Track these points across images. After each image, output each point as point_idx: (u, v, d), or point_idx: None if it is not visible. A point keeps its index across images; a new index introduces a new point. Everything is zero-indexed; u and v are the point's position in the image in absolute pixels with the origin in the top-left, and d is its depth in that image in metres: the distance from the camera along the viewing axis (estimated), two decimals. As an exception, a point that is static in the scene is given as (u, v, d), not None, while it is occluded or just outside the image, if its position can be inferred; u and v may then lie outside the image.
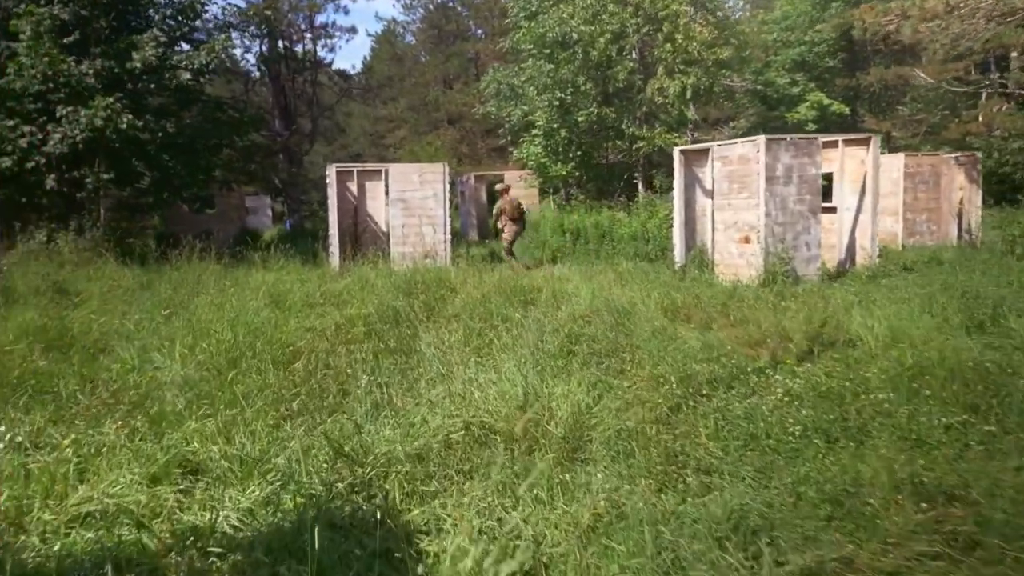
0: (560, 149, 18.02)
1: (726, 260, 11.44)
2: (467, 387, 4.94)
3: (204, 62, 14.96)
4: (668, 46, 17.44)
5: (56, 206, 15.34)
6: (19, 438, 4.21)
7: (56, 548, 3.15)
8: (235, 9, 18.05)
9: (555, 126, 17.71)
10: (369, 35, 64.14)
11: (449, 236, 14.84)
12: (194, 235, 15.25)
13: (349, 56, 79.20)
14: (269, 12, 18.72)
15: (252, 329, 7.19)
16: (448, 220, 14.84)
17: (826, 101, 23.67)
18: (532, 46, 17.81)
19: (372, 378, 5.41)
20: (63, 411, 4.91)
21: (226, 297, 9.57)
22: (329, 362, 6.17)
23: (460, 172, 24.59)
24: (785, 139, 10.98)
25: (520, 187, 21.76)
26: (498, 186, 15.63)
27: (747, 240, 10.94)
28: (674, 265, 12.47)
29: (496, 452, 4.01)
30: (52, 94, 13.78)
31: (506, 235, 14.72)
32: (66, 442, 4.17)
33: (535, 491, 3.58)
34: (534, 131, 18.40)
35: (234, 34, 17.24)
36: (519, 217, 14.75)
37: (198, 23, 16.63)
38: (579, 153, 18.01)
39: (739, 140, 11.51)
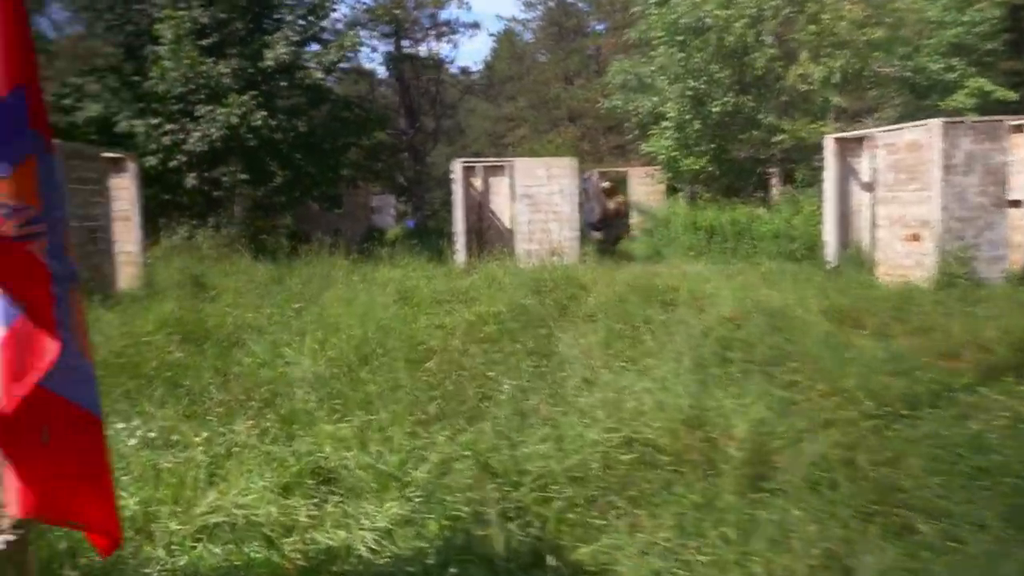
0: (692, 142, 17.07)
1: (890, 259, 10.24)
2: (620, 395, 4.35)
3: (334, 59, 15.14)
4: (812, 28, 16.09)
5: (196, 204, 15.99)
6: (152, 434, 4.01)
7: (183, 562, 2.83)
8: (364, 6, 18.30)
9: (687, 117, 16.77)
10: (490, 35, 64.63)
11: (577, 233, 14.30)
12: (323, 233, 15.53)
13: (470, 56, 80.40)
14: (398, 11, 18.87)
15: (381, 325, 6.91)
16: (577, 217, 14.30)
17: (988, 87, 21.31)
18: (663, 33, 16.95)
19: (512, 382, 4.92)
20: (196, 406, 4.72)
21: (355, 292, 9.44)
22: (462, 362, 5.76)
23: (583, 169, 24.03)
24: (964, 122, 9.67)
25: (646, 184, 20.90)
26: (604, 185, 15.05)
27: (916, 238, 9.72)
28: (825, 265, 11.35)
29: (663, 475, 3.40)
30: (192, 95, 14.32)
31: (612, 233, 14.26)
32: (197, 440, 3.93)
33: (720, 528, 2.95)
34: (664, 123, 17.52)
35: (362, 32, 17.41)
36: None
37: (326, 23, 16.95)
38: (712, 146, 16.98)
39: (907, 125, 10.28)
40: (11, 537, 2.13)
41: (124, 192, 11.36)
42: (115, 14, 15.71)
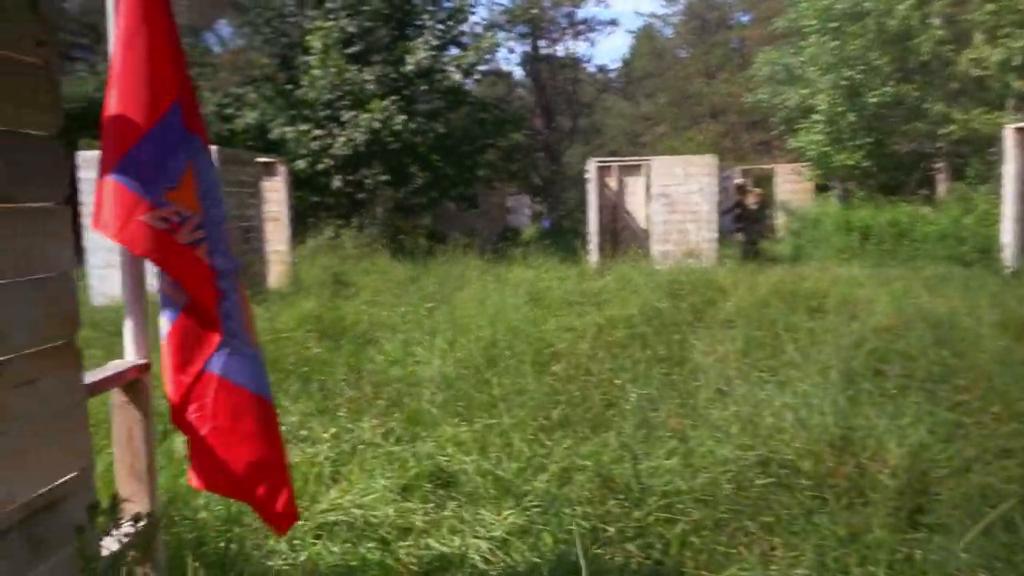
0: (846, 136, 15.89)
1: (1082, 264, 9.01)
2: (757, 410, 4.02)
3: (472, 62, 15.40)
4: (989, 6, 14.52)
5: (341, 205, 16.77)
6: (284, 428, 4.15)
7: (302, 558, 2.87)
8: (502, 8, 18.52)
9: (840, 109, 15.64)
10: (629, 32, 63.72)
11: (716, 234, 13.70)
12: (460, 232, 15.86)
13: (608, 54, 79.63)
14: (534, 11, 18.95)
15: (511, 327, 6.86)
16: (716, 217, 13.70)
17: None
18: (815, 21, 15.90)
19: (640, 391, 4.69)
20: (328, 401, 4.86)
21: (487, 292, 9.50)
22: (590, 367, 5.59)
23: (723, 167, 23.12)
24: None
25: (793, 182, 19.74)
26: (738, 183, 14.29)
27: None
28: (1003, 270, 10.18)
29: (803, 501, 3.08)
30: (339, 101, 15.02)
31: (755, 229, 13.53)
32: (325, 436, 4.02)
33: (867, 566, 2.62)
34: (814, 117, 16.44)
35: (500, 34, 17.60)
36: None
37: (465, 27, 17.27)
38: (869, 140, 15.73)
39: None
40: (141, 525, 2.22)
41: (275, 194, 12.08)
42: (271, 28, 16.79)
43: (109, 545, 2.02)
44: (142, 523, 2.18)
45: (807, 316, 7.47)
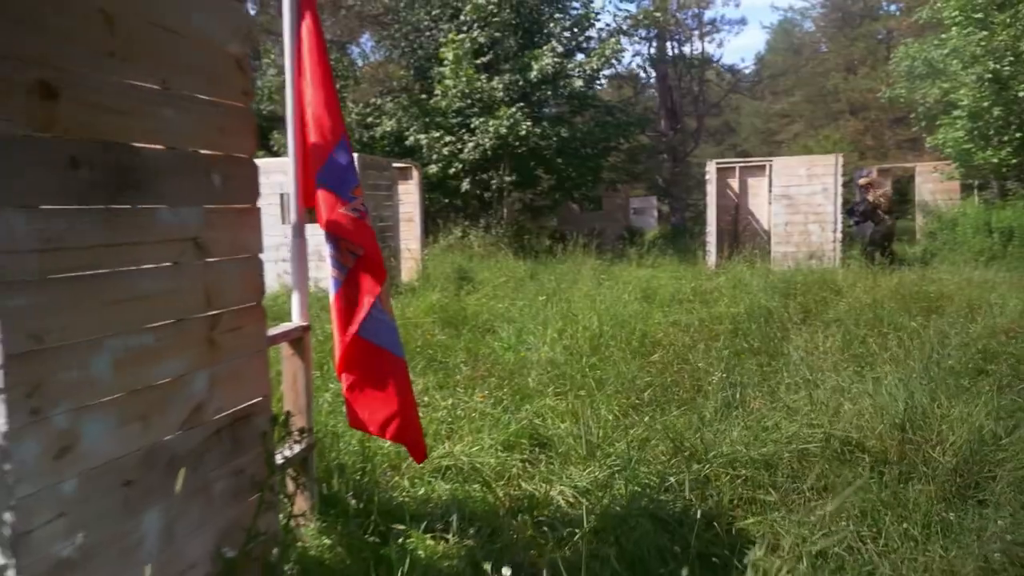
0: (991, 132, 15.02)
1: None
2: (834, 396, 4.32)
3: (595, 67, 15.90)
4: None
5: (470, 206, 17.75)
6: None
7: (420, 492, 3.53)
8: (626, 14, 18.86)
9: (985, 104, 14.81)
10: (763, 27, 61.64)
11: (839, 235, 13.45)
12: (582, 233, 16.36)
13: (738, 52, 77.32)
14: (659, 14, 19.16)
15: (619, 320, 7.33)
16: (839, 218, 13.45)
17: None
18: (957, 12, 15.15)
19: (728, 376, 5.07)
20: (448, 378, 5.57)
21: (600, 289, 10.00)
22: (688, 357, 5.98)
23: (861, 166, 22.22)
24: None
25: (935, 180, 18.76)
26: (861, 180, 13.77)
27: None
28: None
29: (858, 472, 3.41)
30: (469, 109, 15.96)
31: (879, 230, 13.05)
32: (444, 404, 4.72)
33: (905, 525, 2.95)
34: (956, 112, 15.64)
35: (623, 40, 17.98)
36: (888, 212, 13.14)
37: (592, 32, 17.77)
38: (1018, 135, 14.79)
39: None
40: (303, 447, 2.96)
41: (409, 197, 13.13)
42: (408, 42, 18.04)
43: (279, 457, 2.76)
44: (305, 438, 2.92)
45: (921, 317, 7.44)
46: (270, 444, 2.48)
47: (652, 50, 21.93)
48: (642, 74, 25.39)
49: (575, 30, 16.57)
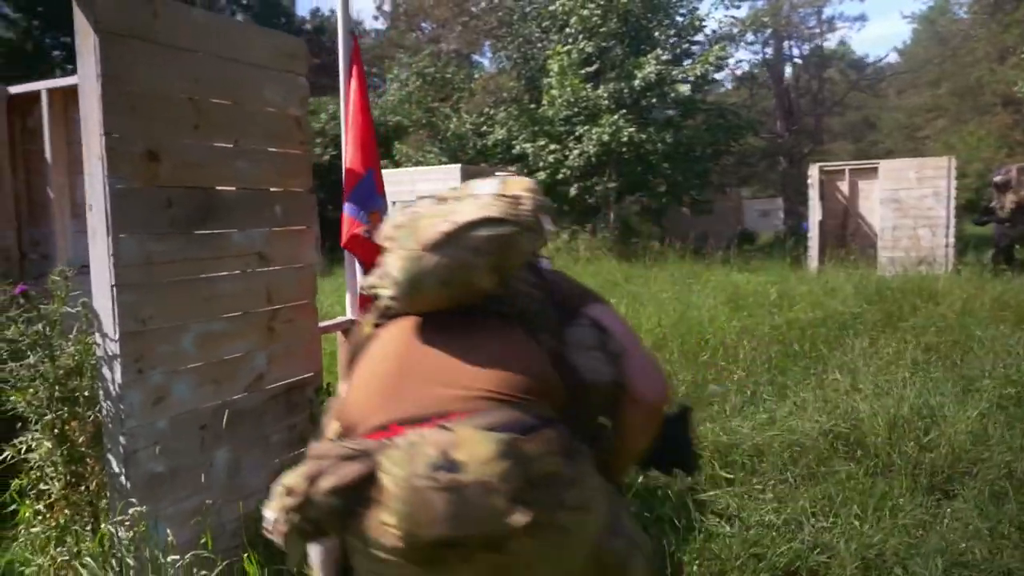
0: None
1: None
2: (848, 396, 4.62)
3: (699, 74, 16.06)
4: None
5: (577, 212, 18.34)
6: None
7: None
8: (731, 20, 18.80)
9: None
10: (904, 17, 57.94)
11: (952, 240, 12.94)
12: (690, 237, 16.50)
13: (872, 45, 72.80)
14: (767, 18, 18.90)
15: (685, 323, 7.69)
16: (952, 222, 12.94)
17: None
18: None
19: (766, 376, 5.42)
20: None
21: (685, 293, 10.35)
22: (737, 357, 6.30)
23: (1004, 163, 20.79)
24: None
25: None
26: (997, 179, 13.01)
27: None
28: None
29: (842, 464, 3.77)
30: (575, 117, 16.57)
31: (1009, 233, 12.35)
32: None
33: (855, 507, 3.31)
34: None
35: (733, 45, 17.93)
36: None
37: (700, 37, 17.89)
38: None
39: None
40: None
41: (512, 203, 13.90)
42: (520, 53, 18.88)
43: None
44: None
45: (1015, 329, 7.29)
46: (316, 407, 3.25)
47: (767, 51, 21.60)
48: (758, 75, 24.88)
49: (679, 37, 16.77)
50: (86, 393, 2.52)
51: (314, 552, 1.45)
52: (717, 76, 19.04)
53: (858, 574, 2.74)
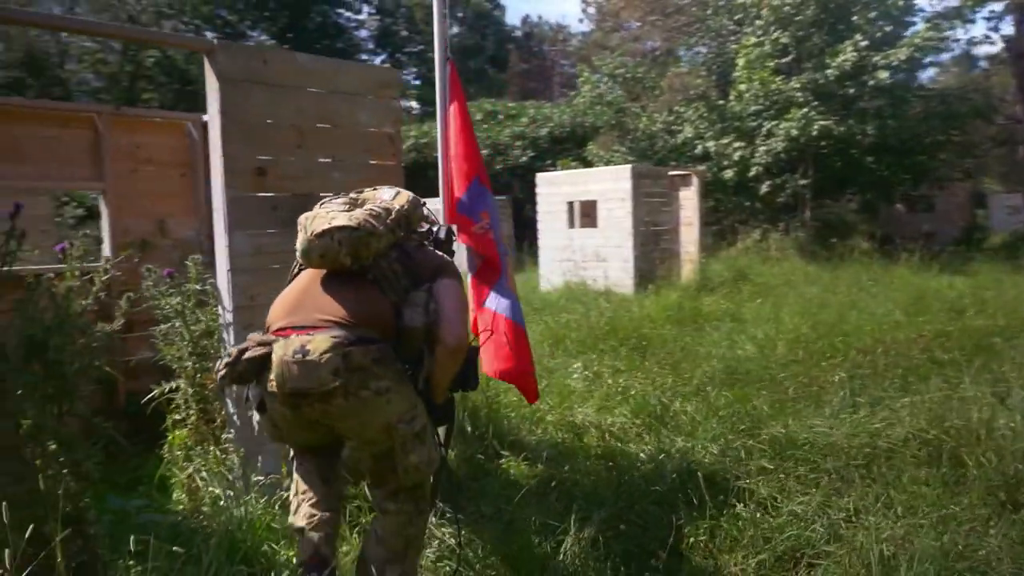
0: None
1: None
2: (942, 404, 4.39)
3: (903, 58, 14.76)
4: None
5: (769, 210, 17.68)
6: (585, 372, 5.99)
7: (536, 435, 4.66)
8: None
9: None
10: None
11: None
12: (908, 236, 15.24)
13: None
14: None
15: (832, 327, 7.38)
16: None
17: None
18: None
19: (904, 383, 5.23)
20: (634, 363, 6.49)
21: (864, 295, 9.83)
22: (876, 365, 6.04)
23: None
24: None
25: None
26: None
27: None
28: None
29: (907, 467, 3.69)
30: (765, 112, 16.00)
31: None
32: (609, 380, 5.73)
33: (898, 507, 3.29)
34: None
35: (955, 23, 16.12)
36: None
37: (911, 18, 16.37)
38: None
39: None
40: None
41: (689, 202, 13.86)
42: (711, 48, 18.56)
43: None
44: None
45: None
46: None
47: (1006, 25, 18.99)
48: (996, 53, 21.92)
49: (885, 19, 15.46)
50: (213, 351, 3.34)
51: (252, 392, 2.37)
52: (937, 58, 17.28)
53: (858, 565, 2.80)
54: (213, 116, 3.21)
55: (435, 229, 2.82)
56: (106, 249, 4.83)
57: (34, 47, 29.79)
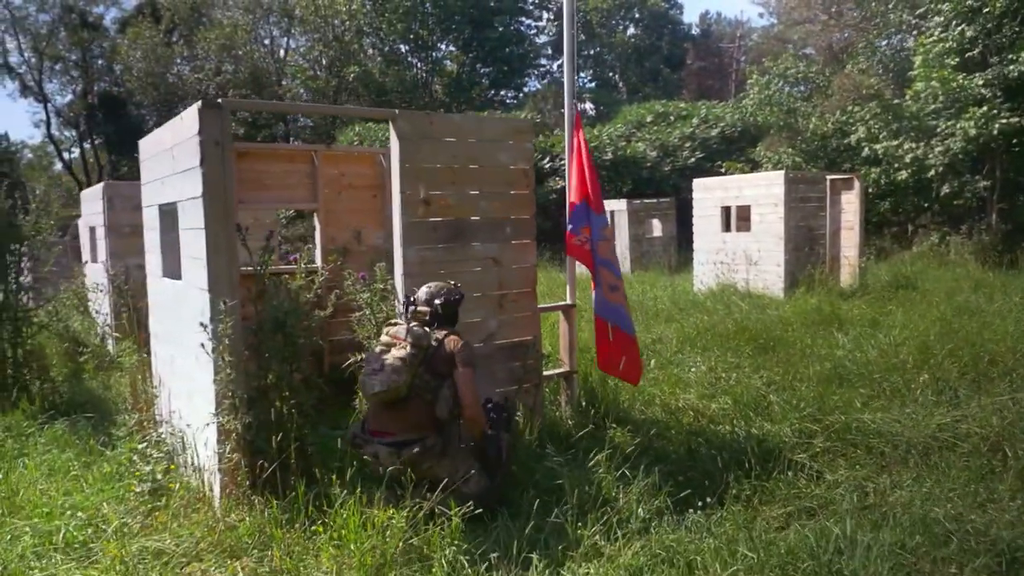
0: None
1: None
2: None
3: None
4: None
5: (948, 212, 16.85)
6: (702, 366, 6.75)
7: (645, 414, 5.55)
8: None
9: None
10: None
11: None
12: None
13: None
14: None
15: (961, 336, 7.44)
16: None
17: None
18: None
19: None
20: (754, 360, 7.12)
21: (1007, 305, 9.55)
22: (989, 373, 6.23)
23: None
24: None
25: None
26: None
27: None
28: None
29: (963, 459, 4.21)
30: (945, 111, 15.34)
31: None
32: (724, 376, 6.47)
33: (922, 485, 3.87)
34: None
35: None
36: None
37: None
38: None
39: None
40: (562, 371, 5.40)
41: (850, 206, 13.76)
42: (889, 46, 17.89)
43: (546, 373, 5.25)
44: (564, 367, 5.36)
45: None
46: (532, 359, 4.98)
47: None
48: None
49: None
50: (390, 332, 4.61)
51: None
52: None
53: (857, 515, 3.50)
54: (394, 163, 4.48)
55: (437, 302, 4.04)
56: (318, 253, 6.36)
57: (258, 68, 34.39)
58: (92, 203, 9.80)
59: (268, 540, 3.32)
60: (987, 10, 15.36)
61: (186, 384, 4.53)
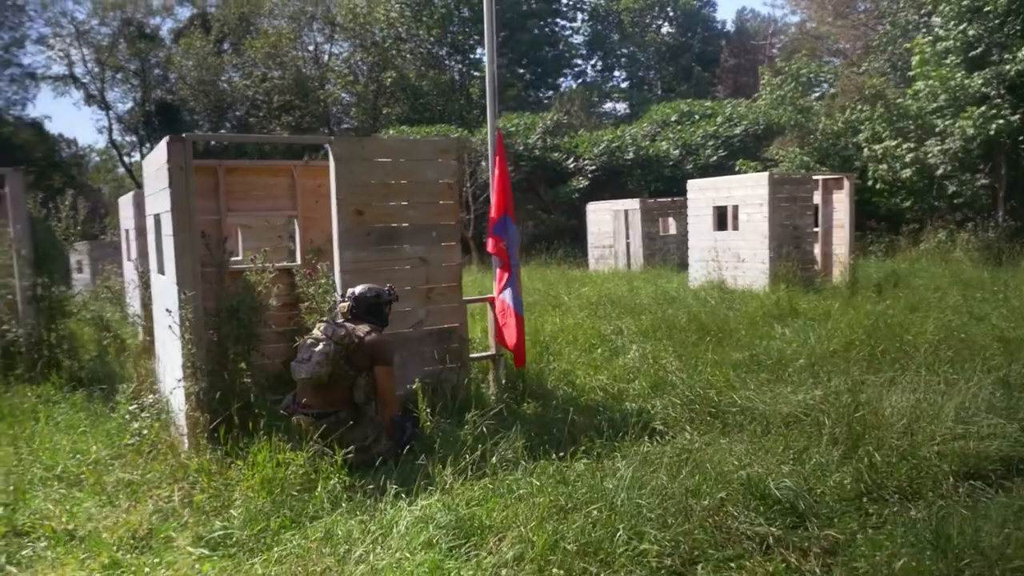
0: None
1: None
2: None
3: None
4: None
5: (952, 210, 17.08)
6: (637, 352, 7.57)
7: (560, 392, 6.42)
8: None
9: None
10: None
11: None
12: None
13: None
14: None
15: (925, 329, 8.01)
16: None
17: None
18: None
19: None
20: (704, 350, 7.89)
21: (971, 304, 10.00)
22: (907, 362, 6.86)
23: None
24: None
25: None
26: None
27: None
28: None
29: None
30: (945, 109, 15.63)
31: None
32: (648, 354, 7.29)
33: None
34: None
35: None
36: None
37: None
38: None
39: None
40: (487, 354, 6.34)
41: (840, 205, 14.24)
42: (895, 45, 18.15)
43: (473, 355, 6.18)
44: (489, 351, 6.30)
45: None
46: (463, 345, 5.92)
47: None
48: None
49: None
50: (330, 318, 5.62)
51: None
52: None
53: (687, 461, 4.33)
54: (332, 180, 5.49)
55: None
56: (298, 253, 7.43)
57: (301, 74, 36.07)
58: (126, 208, 11.12)
59: (208, 472, 4.36)
60: (988, 9, 15.58)
61: (169, 360, 5.63)
